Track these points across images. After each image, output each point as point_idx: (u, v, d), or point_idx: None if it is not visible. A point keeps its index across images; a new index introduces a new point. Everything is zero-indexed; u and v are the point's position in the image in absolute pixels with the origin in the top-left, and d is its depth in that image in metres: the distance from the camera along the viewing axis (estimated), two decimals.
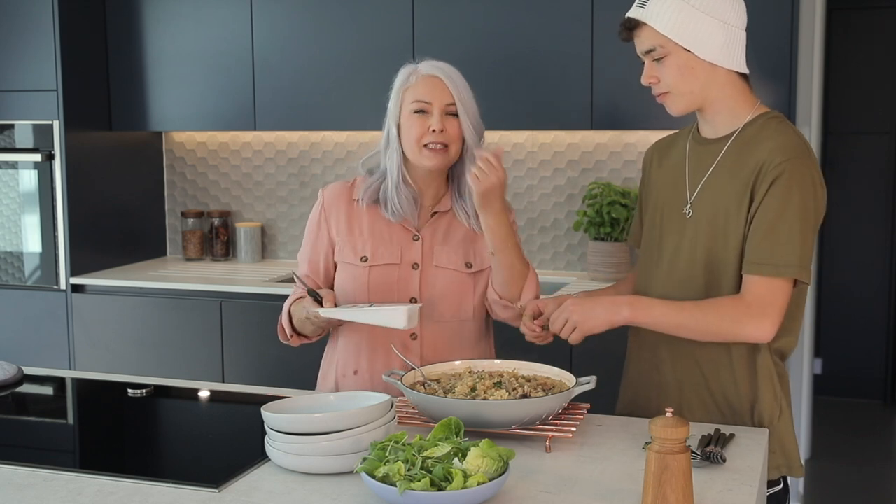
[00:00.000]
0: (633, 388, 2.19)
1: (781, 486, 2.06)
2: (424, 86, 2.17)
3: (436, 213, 2.26)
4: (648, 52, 1.99)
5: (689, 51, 1.95)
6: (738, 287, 1.97)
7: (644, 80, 2.03)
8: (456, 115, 2.17)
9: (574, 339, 1.98)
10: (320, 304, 2.09)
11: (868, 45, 5.56)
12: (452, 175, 2.27)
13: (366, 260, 2.21)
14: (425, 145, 2.15)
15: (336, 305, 2.10)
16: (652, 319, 1.95)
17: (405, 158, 2.21)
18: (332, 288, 2.28)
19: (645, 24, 1.96)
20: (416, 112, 2.16)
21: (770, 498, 2.03)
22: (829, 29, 5.24)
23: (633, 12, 1.99)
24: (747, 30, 2.03)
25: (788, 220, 1.89)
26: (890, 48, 5.54)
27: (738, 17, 1.98)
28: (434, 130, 2.14)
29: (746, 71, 2.02)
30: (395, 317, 2.03)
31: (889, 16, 5.53)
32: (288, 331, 2.21)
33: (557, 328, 2.00)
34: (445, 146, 2.16)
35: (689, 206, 2.05)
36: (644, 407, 2.12)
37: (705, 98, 2.01)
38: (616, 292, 2.26)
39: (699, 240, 2.02)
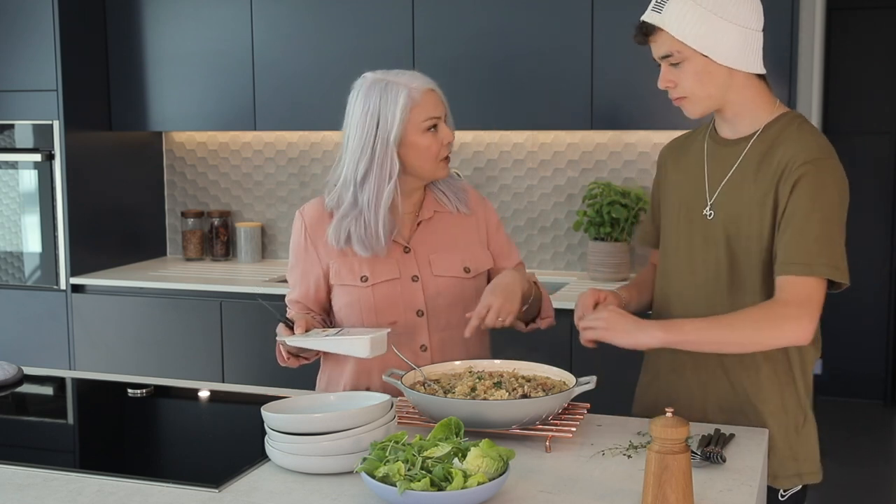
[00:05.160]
0: (652, 391, 2.16)
1: (800, 486, 2.08)
2: (430, 100, 2.13)
3: (420, 222, 2.24)
4: (665, 56, 1.96)
5: (706, 56, 1.92)
6: (762, 287, 1.97)
7: (661, 85, 2.00)
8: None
9: (588, 336, 1.95)
10: (292, 329, 2.06)
11: (868, 45, 5.56)
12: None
13: (366, 279, 2.17)
14: (442, 158, 2.16)
15: (308, 330, 2.05)
16: (684, 337, 1.91)
17: (400, 177, 2.14)
18: (329, 310, 2.25)
19: (661, 29, 1.93)
20: (430, 129, 2.13)
21: (791, 498, 2.06)
22: (829, 29, 5.24)
23: (649, 17, 1.94)
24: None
25: (815, 220, 1.88)
26: (890, 48, 5.54)
27: (754, 19, 1.95)
28: (449, 142, 2.16)
29: (763, 71, 2.00)
30: (359, 346, 2.00)
31: (889, 16, 5.53)
32: (285, 354, 2.15)
33: (586, 324, 1.96)
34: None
35: (709, 207, 2.03)
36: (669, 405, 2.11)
37: (724, 101, 1.99)
38: (637, 291, 2.24)
39: (720, 241, 2.01)
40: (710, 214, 2.03)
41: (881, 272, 5.65)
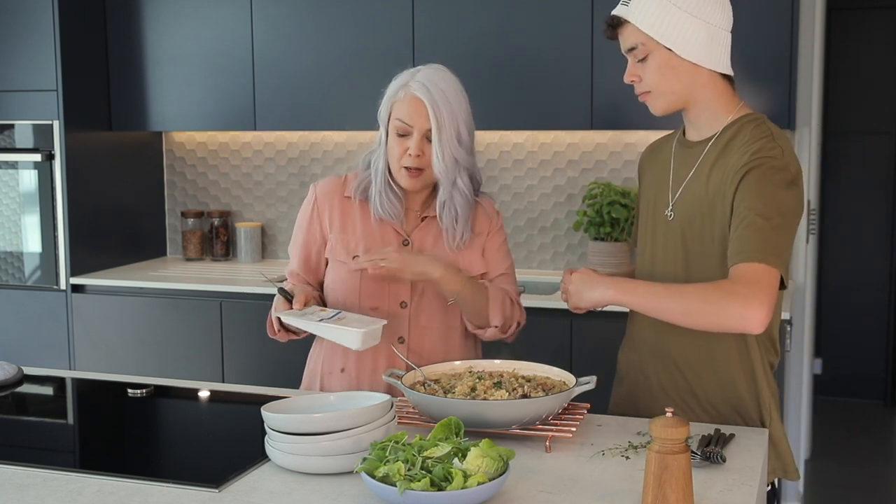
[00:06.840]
0: (623, 388, 2.19)
1: (770, 487, 2.06)
2: (408, 106, 2.14)
3: (425, 217, 2.25)
4: (631, 49, 1.99)
5: (670, 50, 1.94)
6: None
7: (626, 79, 2.03)
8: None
9: (569, 304, 2.04)
10: (290, 302, 2.10)
11: (868, 45, 5.56)
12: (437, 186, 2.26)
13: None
14: (404, 166, 2.16)
15: (307, 305, 2.10)
16: (634, 298, 1.92)
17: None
18: (321, 284, 2.29)
19: (627, 21, 1.96)
20: (397, 132, 2.15)
21: None
22: (829, 29, 5.24)
23: (617, 10, 1.99)
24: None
25: (760, 217, 1.85)
26: (890, 48, 5.54)
27: (722, 18, 1.96)
28: (411, 154, 2.14)
29: (730, 72, 2.01)
30: (352, 338, 2.01)
31: (889, 16, 5.54)
32: (276, 326, 2.19)
33: (562, 291, 2.06)
34: (420, 170, 2.16)
35: (670, 208, 2.05)
36: (633, 406, 2.13)
37: (687, 98, 2.00)
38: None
39: (678, 242, 2.02)
40: (671, 216, 2.04)
41: (881, 272, 5.65)
